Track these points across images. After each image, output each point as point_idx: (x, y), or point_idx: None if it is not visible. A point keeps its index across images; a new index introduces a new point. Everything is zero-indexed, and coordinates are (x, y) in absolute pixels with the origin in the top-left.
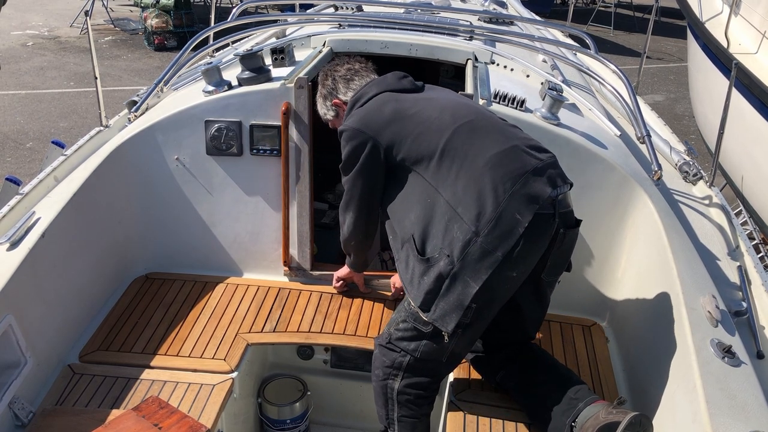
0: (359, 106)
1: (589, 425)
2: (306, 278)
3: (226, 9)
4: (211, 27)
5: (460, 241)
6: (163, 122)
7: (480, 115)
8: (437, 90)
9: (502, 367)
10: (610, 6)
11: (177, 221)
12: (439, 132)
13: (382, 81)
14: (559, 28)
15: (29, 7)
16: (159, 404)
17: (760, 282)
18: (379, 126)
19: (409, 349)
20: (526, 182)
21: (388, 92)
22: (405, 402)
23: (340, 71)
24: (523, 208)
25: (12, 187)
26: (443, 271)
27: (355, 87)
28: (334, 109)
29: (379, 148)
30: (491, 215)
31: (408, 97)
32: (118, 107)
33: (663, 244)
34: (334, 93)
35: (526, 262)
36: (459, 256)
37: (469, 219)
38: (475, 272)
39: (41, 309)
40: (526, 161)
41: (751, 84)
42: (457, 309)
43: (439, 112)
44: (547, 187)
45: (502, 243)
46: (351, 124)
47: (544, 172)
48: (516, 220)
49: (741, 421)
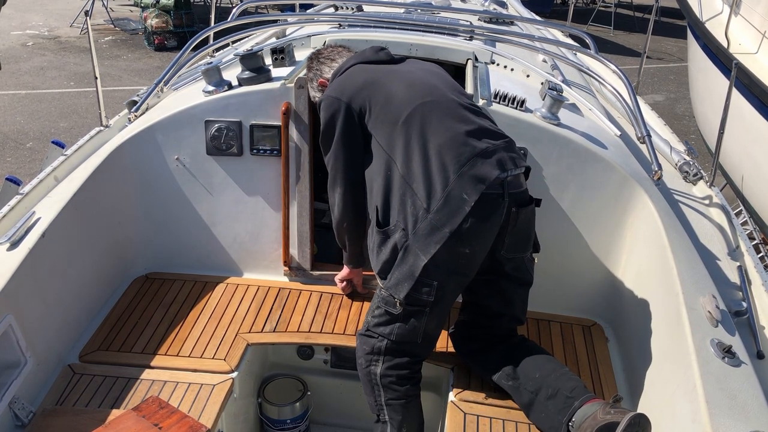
0: (336, 77)
1: (587, 425)
2: (306, 278)
3: (226, 9)
4: (211, 27)
5: (413, 216)
6: (163, 122)
7: (445, 97)
8: (416, 63)
9: (499, 367)
10: (610, 6)
11: (177, 221)
12: (402, 105)
13: (360, 54)
14: (559, 28)
15: (29, 7)
16: (159, 404)
17: (760, 282)
18: (352, 92)
19: (385, 333)
20: (474, 164)
21: (365, 63)
22: (389, 384)
23: (324, 53)
24: (470, 189)
25: (12, 187)
26: (398, 243)
27: (336, 66)
28: (320, 90)
29: (353, 113)
30: (440, 194)
31: (383, 68)
32: (118, 107)
33: (663, 244)
34: (318, 74)
35: (478, 239)
36: (411, 230)
37: (422, 196)
38: (425, 246)
39: (41, 309)
40: (476, 145)
41: (751, 84)
42: (408, 279)
43: (408, 86)
44: (495, 169)
45: (449, 220)
46: (327, 93)
47: (492, 155)
48: (463, 200)
49: (741, 422)
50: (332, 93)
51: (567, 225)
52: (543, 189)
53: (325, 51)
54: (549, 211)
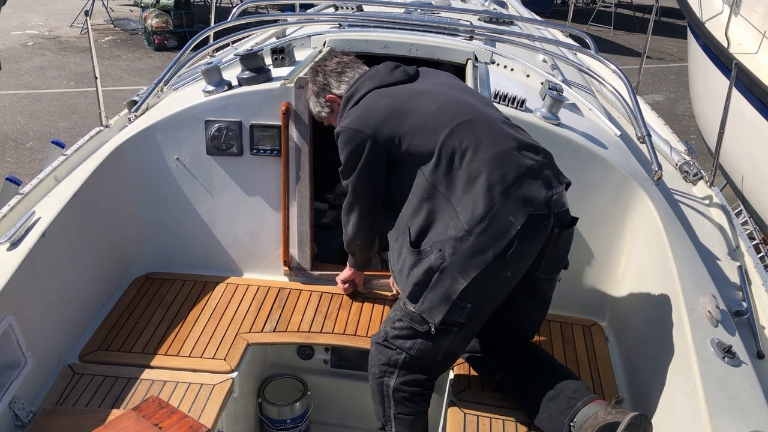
0: (353, 104)
1: (588, 425)
2: (306, 278)
3: (226, 9)
4: (211, 27)
5: (452, 238)
6: (163, 122)
7: (479, 114)
8: (433, 77)
9: (501, 367)
10: (611, 6)
11: (177, 221)
12: (438, 130)
13: (374, 75)
14: (560, 28)
15: (29, 7)
16: (159, 404)
17: (760, 282)
18: (376, 124)
19: (405, 347)
20: (520, 184)
21: (382, 87)
22: (401, 399)
23: (330, 65)
24: (517, 211)
25: (12, 187)
26: (433, 265)
27: (347, 79)
28: (328, 105)
29: (379, 146)
30: (484, 215)
31: (403, 90)
32: (118, 107)
33: (663, 244)
34: (327, 88)
35: (520, 263)
36: (450, 252)
37: (464, 218)
38: (464, 269)
39: (41, 309)
40: (521, 162)
41: (751, 84)
42: (444, 302)
43: (438, 107)
44: (542, 189)
45: (493, 244)
46: (347, 125)
47: (539, 173)
48: (509, 222)
49: (741, 422)
50: (354, 125)
51: None
52: None
53: (330, 62)
54: None
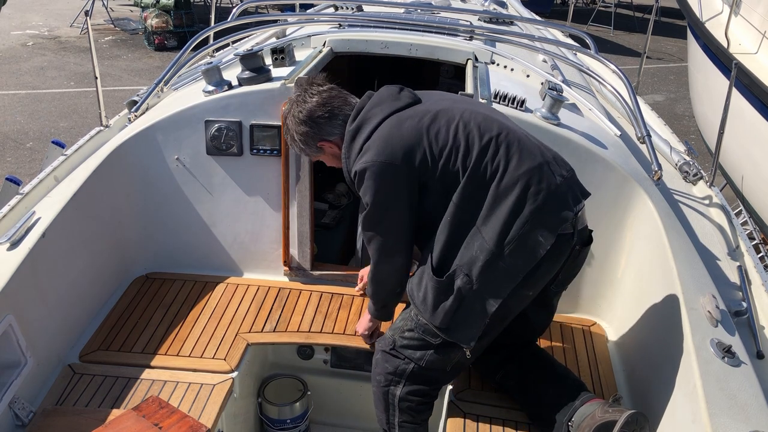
0: (367, 137)
1: (586, 424)
2: (306, 278)
3: (226, 9)
4: (211, 27)
5: (480, 260)
6: (163, 122)
7: (504, 128)
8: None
9: (501, 367)
10: (610, 6)
11: (177, 221)
12: (470, 148)
13: (381, 102)
14: (559, 28)
15: (29, 7)
16: (159, 404)
17: (760, 282)
18: (407, 150)
19: (414, 358)
20: (552, 203)
21: (396, 113)
22: (406, 408)
23: (316, 111)
24: (547, 231)
25: (12, 187)
26: (462, 290)
27: (341, 121)
28: (320, 150)
29: (414, 175)
30: (514, 236)
31: (420, 112)
32: (118, 107)
33: (663, 244)
34: (318, 136)
35: (543, 281)
36: (478, 276)
37: (491, 238)
38: (495, 291)
39: (41, 309)
40: (551, 181)
41: (751, 84)
42: (477, 326)
43: (465, 126)
44: (569, 209)
45: (523, 265)
46: (374, 159)
47: (567, 190)
48: (538, 242)
49: (741, 422)
50: (380, 158)
51: None
52: None
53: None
54: None
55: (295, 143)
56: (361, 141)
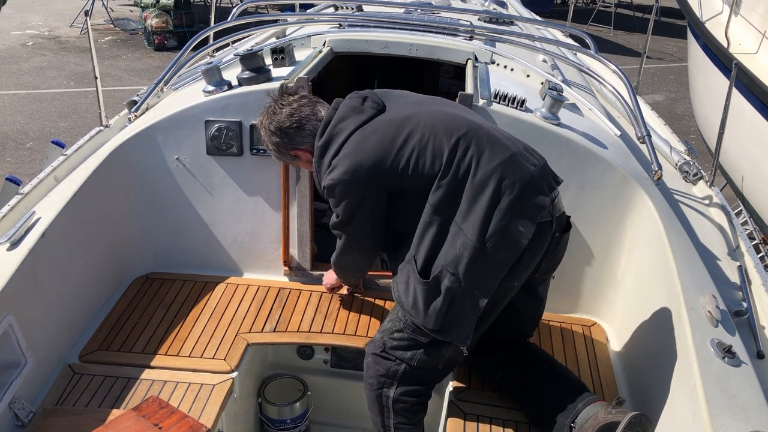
0: (335, 153)
1: (588, 426)
2: (306, 278)
3: (226, 9)
4: (211, 27)
5: (465, 257)
6: (163, 122)
7: (471, 125)
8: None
9: (501, 368)
10: (610, 6)
11: (177, 221)
12: (438, 151)
13: (345, 116)
14: (560, 28)
15: (29, 7)
16: (159, 404)
17: (760, 282)
18: (371, 166)
19: (405, 358)
20: (528, 193)
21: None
22: (401, 410)
23: (285, 122)
24: (525, 220)
25: (12, 187)
26: (450, 289)
27: (309, 131)
28: (296, 158)
29: (380, 188)
30: (495, 229)
31: (384, 123)
32: (118, 107)
33: (663, 244)
34: (290, 145)
35: (527, 270)
36: (464, 272)
37: (473, 234)
38: (483, 286)
39: (41, 309)
40: (524, 171)
41: (751, 84)
42: (470, 323)
43: (431, 130)
44: (546, 196)
45: (508, 256)
46: (341, 176)
47: (541, 179)
48: (520, 233)
49: (741, 422)
50: (346, 176)
51: None
52: None
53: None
54: None
55: (271, 152)
56: (329, 157)
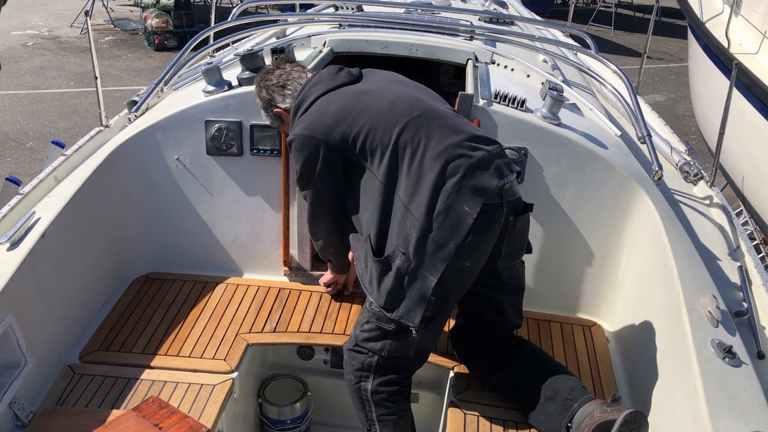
0: (303, 112)
1: (585, 425)
2: (306, 278)
3: (226, 9)
4: (211, 27)
5: (413, 237)
6: (163, 122)
7: (429, 109)
8: (380, 77)
9: (498, 368)
10: (611, 6)
11: (177, 221)
12: (389, 128)
13: (319, 81)
14: (560, 28)
15: (29, 7)
16: (159, 404)
17: (760, 282)
18: (328, 128)
19: (376, 349)
20: (472, 175)
21: (329, 92)
22: (381, 401)
23: (272, 79)
24: (471, 201)
25: (12, 187)
26: (401, 269)
27: (290, 92)
28: (278, 118)
29: (333, 150)
30: (440, 209)
31: (351, 92)
32: (118, 107)
33: (663, 244)
34: (272, 103)
35: (478, 252)
36: (414, 252)
37: (420, 215)
38: (432, 265)
39: (41, 309)
40: (472, 154)
41: (751, 84)
42: (420, 303)
43: (389, 105)
44: (494, 178)
45: (453, 235)
46: (298, 132)
47: (490, 164)
48: (465, 212)
49: (741, 422)
50: (304, 132)
51: (567, 225)
52: (543, 189)
53: (272, 76)
54: (549, 211)
55: (261, 112)
56: (298, 116)
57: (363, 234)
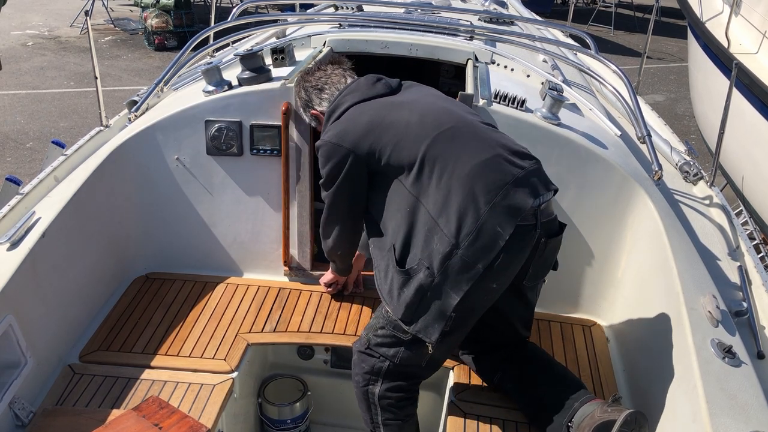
0: (335, 119)
1: (585, 425)
2: (306, 278)
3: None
4: (211, 27)
5: (440, 253)
6: (163, 122)
7: (462, 121)
8: (416, 90)
9: (499, 369)
10: (611, 6)
11: (177, 221)
12: (419, 139)
13: (355, 89)
14: (560, 28)
15: (29, 7)
16: (159, 404)
17: (760, 282)
18: (356, 137)
19: (389, 355)
20: (507, 193)
21: (364, 102)
22: (387, 406)
23: (312, 81)
24: (504, 221)
25: (12, 187)
26: (423, 283)
27: (327, 96)
28: (315, 119)
29: (359, 161)
30: (471, 228)
31: (384, 103)
32: (118, 107)
33: (663, 244)
34: (309, 104)
35: (506, 273)
36: (439, 268)
37: (449, 231)
38: (456, 284)
39: (41, 309)
40: (507, 171)
41: (751, 84)
42: (439, 320)
43: (419, 117)
44: (529, 197)
45: (482, 256)
46: (327, 139)
47: (526, 182)
48: (497, 233)
49: (741, 422)
50: (333, 139)
51: (567, 225)
52: None
53: (312, 78)
54: None
55: (299, 110)
56: (330, 122)
57: (387, 243)
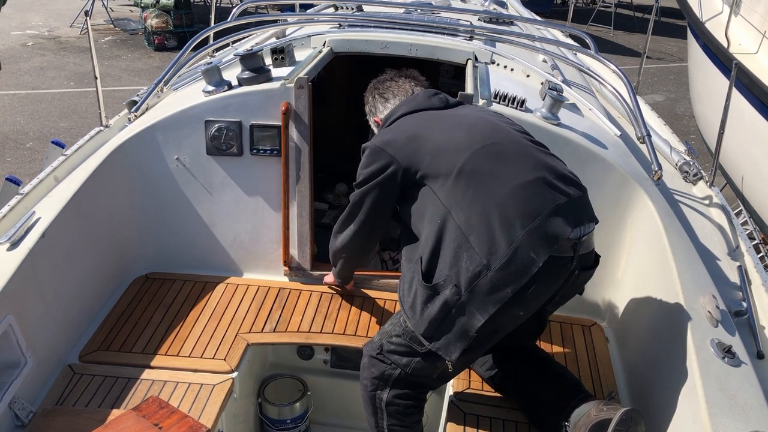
0: (386, 126)
1: (581, 424)
2: (306, 278)
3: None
4: (211, 27)
5: (468, 271)
6: (163, 122)
7: (510, 138)
8: (472, 107)
9: (498, 368)
10: (611, 6)
11: (177, 221)
12: (461, 151)
13: (411, 100)
14: (560, 28)
15: (29, 7)
16: (159, 404)
17: (760, 282)
18: (399, 145)
19: (401, 364)
20: (546, 220)
21: (414, 112)
22: (394, 412)
23: (380, 89)
24: (539, 247)
25: (12, 187)
26: (449, 301)
27: (390, 106)
28: (376, 125)
29: (398, 171)
30: (505, 251)
31: (434, 115)
32: (118, 107)
33: (663, 244)
34: (373, 111)
35: (535, 302)
36: (467, 287)
37: (481, 250)
38: (482, 305)
39: (41, 309)
40: (549, 196)
41: (751, 84)
42: (461, 339)
43: (466, 130)
44: (568, 227)
45: (513, 280)
46: (373, 143)
47: (568, 210)
48: (531, 259)
49: (741, 422)
50: (377, 143)
51: None
52: None
53: (382, 86)
54: None
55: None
56: (381, 128)
57: (416, 254)
